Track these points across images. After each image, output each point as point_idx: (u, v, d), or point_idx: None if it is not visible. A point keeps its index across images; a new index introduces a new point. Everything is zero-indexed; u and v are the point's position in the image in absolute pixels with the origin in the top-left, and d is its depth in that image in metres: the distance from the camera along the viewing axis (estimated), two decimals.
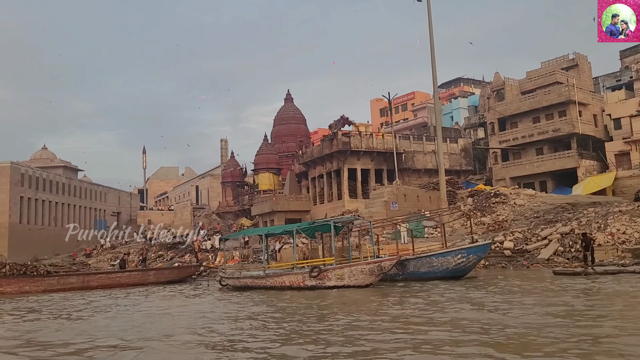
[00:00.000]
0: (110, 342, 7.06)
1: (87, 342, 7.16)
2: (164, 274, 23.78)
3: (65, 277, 21.95)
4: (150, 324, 8.97)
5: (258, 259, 28.62)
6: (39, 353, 6.63)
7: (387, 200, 30.92)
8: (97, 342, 7.15)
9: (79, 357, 6.17)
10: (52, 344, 7.18)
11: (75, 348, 6.75)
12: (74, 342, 7.23)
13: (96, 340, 7.27)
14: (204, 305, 11.94)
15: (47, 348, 6.94)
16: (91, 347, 6.74)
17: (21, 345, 7.28)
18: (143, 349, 6.45)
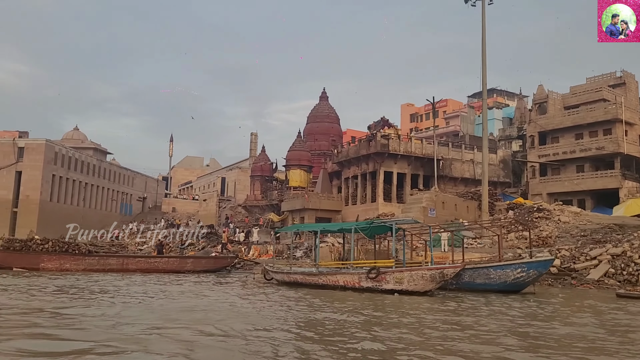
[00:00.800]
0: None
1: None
2: (201, 263, 23.62)
3: (105, 258, 21.90)
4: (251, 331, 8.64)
5: (292, 255, 28.36)
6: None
7: (425, 206, 30.44)
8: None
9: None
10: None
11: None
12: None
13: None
14: (273, 305, 11.47)
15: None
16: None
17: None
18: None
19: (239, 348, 5.76)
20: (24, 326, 6.97)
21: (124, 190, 64.37)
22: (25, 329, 6.75)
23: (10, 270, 20.42)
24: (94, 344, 5.73)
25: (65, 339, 6.03)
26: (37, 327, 6.90)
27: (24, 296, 11.12)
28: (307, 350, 5.73)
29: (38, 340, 5.97)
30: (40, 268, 20.84)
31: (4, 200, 49.34)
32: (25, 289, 12.52)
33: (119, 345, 5.67)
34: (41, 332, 6.51)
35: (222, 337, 6.44)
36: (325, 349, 5.89)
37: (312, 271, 15.61)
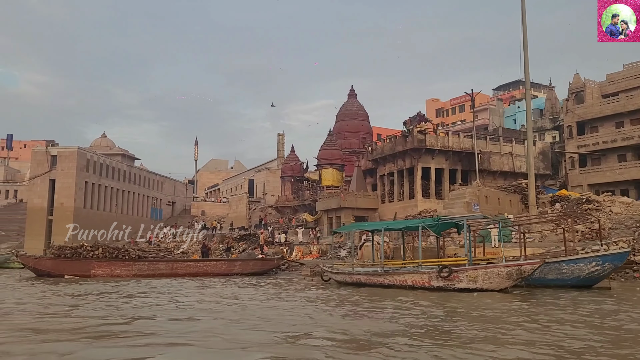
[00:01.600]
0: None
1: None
2: (249, 265, 23.36)
3: (155, 263, 21.76)
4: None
5: (336, 255, 27.97)
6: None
7: (468, 201, 29.79)
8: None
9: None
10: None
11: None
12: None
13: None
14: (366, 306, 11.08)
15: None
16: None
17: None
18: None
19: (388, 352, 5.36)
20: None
21: (154, 195, 64.72)
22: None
23: (62, 277, 20.37)
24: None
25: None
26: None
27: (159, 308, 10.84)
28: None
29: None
30: (91, 275, 20.75)
31: (39, 208, 49.85)
32: (120, 299, 12.28)
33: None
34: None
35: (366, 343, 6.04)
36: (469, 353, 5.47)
37: (376, 271, 15.17)
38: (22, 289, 14.75)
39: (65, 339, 6.24)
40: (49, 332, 6.77)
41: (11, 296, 12.41)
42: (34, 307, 9.95)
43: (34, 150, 51.64)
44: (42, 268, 20.79)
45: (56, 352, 5.33)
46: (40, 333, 6.65)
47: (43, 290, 13.97)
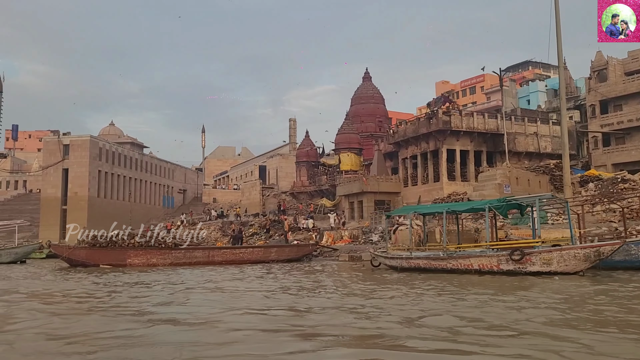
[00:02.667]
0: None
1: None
2: (285, 252, 22.84)
3: (191, 251, 21.20)
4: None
5: (369, 240, 27.46)
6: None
7: (500, 182, 29.20)
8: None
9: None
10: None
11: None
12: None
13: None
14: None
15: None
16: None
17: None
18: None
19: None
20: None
21: (166, 183, 64.16)
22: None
23: (97, 267, 19.85)
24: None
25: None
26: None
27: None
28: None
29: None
30: (127, 264, 20.23)
31: (53, 198, 49.35)
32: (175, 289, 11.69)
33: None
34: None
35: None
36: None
37: (438, 255, 14.59)
38: (71, 280, 14.19)
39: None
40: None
41: (75, 287, 11.84)
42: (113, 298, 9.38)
43: (45, 140, 51.03)
44: (77, 258, 20.27)
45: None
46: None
47: (95, 282, 13.41)
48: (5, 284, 13.09)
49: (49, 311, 7.75)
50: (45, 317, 7.03)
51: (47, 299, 9.68)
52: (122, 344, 4.97)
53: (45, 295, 10.32)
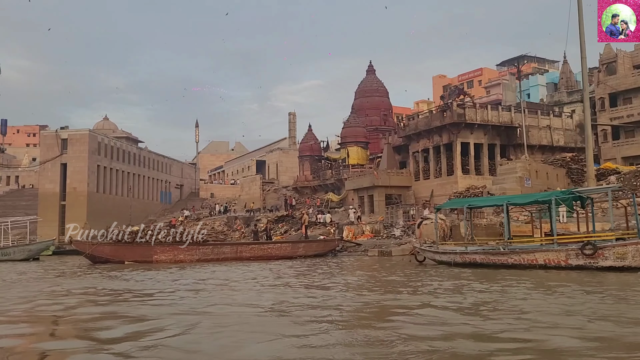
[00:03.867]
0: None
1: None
2: (313, 247, 22.26)
3: (219, 247, 20.48)
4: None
5: (391, 234, 26.92)
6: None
7: (521, 176, 28.81)
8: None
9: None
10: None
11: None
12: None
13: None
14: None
15: None
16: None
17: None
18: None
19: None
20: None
21: (163, 178, 63.03)
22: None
23: (122, 264, 19.06)
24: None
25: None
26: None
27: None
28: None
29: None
30: (153, 260, 19.47)
31: (51, 193, 48.13)
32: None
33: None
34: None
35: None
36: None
37: (498, 249, 14.05)
38: (120, 279, 13.40)
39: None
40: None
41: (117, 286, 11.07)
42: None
43: (43, 134, 49.70)
44: (101, 254, 19.45)
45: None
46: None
47: (139, 280, 12.65)
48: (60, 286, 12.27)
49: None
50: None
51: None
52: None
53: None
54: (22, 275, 15.35)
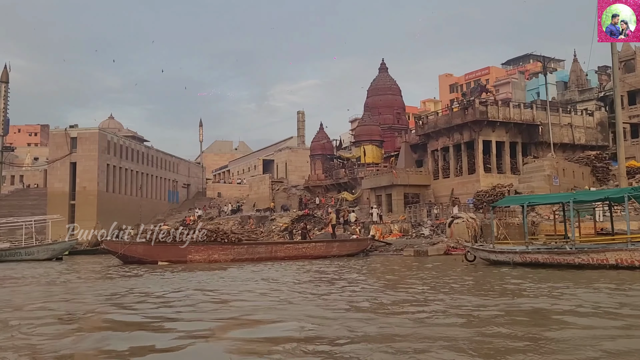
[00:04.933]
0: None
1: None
2: (346, 247, 21.75)
3: (253, 247, 19.92)
4: None
5: (420, 234, 26.41)
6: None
7: (549, 174, 28.35)
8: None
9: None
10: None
11: None
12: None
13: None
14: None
15: None
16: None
17: None
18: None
19: None
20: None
21: (171, 177, 62.37)
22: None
23: (155, 264, 18.47)
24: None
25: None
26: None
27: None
28: None
29: None
30: (188, 260, 18.89)
31: (60, 192, 47.46)
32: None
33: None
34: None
35: None
36: None
37: (564, 249, 13.52)
38: (174, 279, 12.82)
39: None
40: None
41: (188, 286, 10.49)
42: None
43: (52, 133, 48.98)
44: (133, 254, 18.85)
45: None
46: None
47: (202, 280, 12.09)
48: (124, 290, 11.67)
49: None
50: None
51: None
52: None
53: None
54: (61, 275, 14.77)
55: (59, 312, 7.26)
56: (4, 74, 44.51)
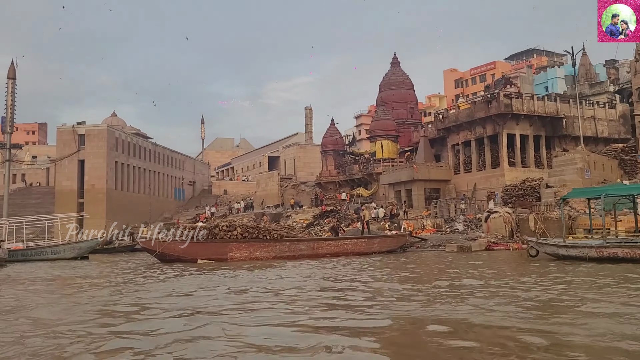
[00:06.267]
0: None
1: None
2: (387, 243, 21.10)
3: (295, 243, 19.19)
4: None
5: (454, 229, 25.78)
6: None
7: (581, 167, 27.78)
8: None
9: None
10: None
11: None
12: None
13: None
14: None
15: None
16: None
17: None
18: None
19: None
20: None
21: (177, 175, 61.42)
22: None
23: (194, 263, 17.70)
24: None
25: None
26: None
27: None
28: None
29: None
30: (228, 258, 18.13)
31: (69, 191, 46.51)
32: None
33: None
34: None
35: None
36: None
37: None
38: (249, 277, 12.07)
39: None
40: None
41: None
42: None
43: (59, 130, 47.89)
44: (172, 252, 18.05)
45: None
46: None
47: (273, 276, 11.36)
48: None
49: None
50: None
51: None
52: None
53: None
54: (121, 274, 14.00)
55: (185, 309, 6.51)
56: (11, 70, 43.43)
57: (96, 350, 4.68)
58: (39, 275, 14.77)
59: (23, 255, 22.90)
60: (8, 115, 43.97)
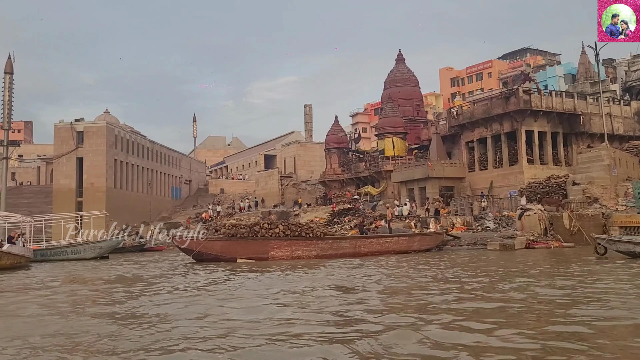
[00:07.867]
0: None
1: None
2: (426, 241, 20.32)
3: (338, 242, 18.33)
4: None
5: (485, 227, 25.12)
6: None
7: (608, 164, 27.36)
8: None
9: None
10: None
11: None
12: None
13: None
14: None
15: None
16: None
17: None
18: None
19: None
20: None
21: (174, 173, 60.07)
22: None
23: (234, 262, 16.74)
24: None
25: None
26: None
27: None
28: None
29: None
30: (269, 257, 17.20)
31: (67, 189, 45.01)
32: None
33: None
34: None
35: None
36: None
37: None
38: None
39: None
40: None
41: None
42: None
43: (56, 127, 46.31)
44: (210, 251, 17.06)
45: None
46: None
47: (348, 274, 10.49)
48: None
49: None
50: None
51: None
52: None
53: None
54: (164, 278, 13.00)
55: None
56: (8, 65, 41.81)
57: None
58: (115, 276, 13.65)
59: (42, 255, 21.70)
60: (5, 111, 42.26)
